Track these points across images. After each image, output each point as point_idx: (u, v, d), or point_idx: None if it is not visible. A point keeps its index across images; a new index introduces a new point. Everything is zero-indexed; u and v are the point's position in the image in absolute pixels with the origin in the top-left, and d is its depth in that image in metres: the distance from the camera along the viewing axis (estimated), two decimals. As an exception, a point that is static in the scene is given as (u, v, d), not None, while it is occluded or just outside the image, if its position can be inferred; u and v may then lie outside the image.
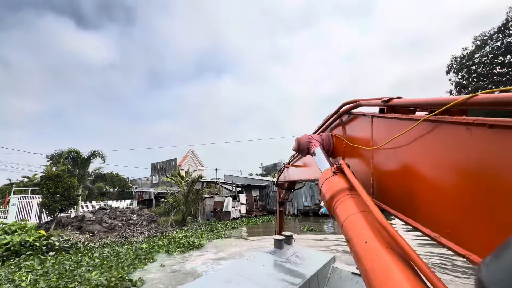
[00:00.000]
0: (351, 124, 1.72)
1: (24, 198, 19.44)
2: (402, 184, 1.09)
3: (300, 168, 3.89)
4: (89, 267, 7.23)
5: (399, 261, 0.75)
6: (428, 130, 0.91)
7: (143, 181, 40.62)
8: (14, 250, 8.70)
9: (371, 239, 0.86)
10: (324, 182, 1.33)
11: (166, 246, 9.94)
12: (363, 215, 0.99)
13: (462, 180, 0.77)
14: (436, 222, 0.88)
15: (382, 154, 1.25)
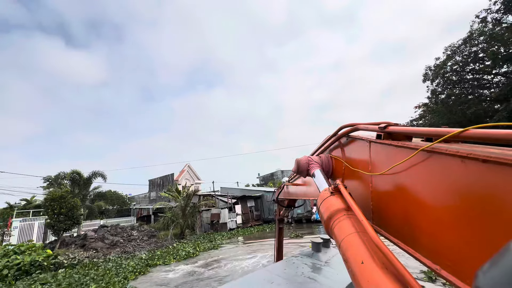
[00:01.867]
0: (349, 146, 1.75)
1: (25, 221, 19.96)
2: (401, 211, 1.10)
3: (300, 187, 3.90)
4: (92, 278, 8.12)
5: (393, 282, 0.76)
6: (424, 158, 0.93)
7: (141, 197, 41.07)
8: (24, 269, 9.45)
9: (367, 259, 0.87)
10: (322, 202, 1.36)
11: (163, 258, 10.84)
12: (359, 236, 0.99)
13: (459, 211, 0.78)
14: (436, 253, 0.87)
15: (381, 179, 1.27)
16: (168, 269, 9.32)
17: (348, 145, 1.76)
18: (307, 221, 19.68)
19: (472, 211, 0.74)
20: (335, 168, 1.98)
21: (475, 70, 22.02)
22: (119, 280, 7.85)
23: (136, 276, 8.57)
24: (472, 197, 0.74)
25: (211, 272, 8.46)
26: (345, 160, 1.76)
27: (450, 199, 0.82)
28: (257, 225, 21.35)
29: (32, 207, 25.28)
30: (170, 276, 8.61)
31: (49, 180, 26.05)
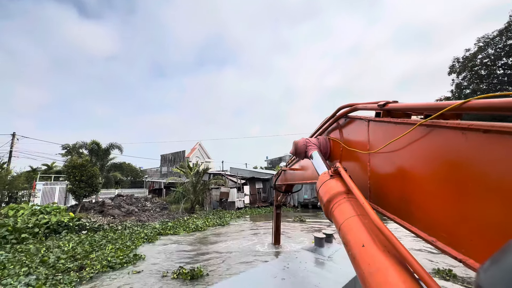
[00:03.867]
0: (348, 128, 1.72)
1: (47, 184, 21.32)
2: (398, 187, 1.09)
3: (298, 171, 4.02)
4: (109, 241, 8.90)
5: (395, 265, 0.74)
6: (424, 134, 0.91)
7: (152, 171, 42.60)
8: (53, 228, 10.34)
9: (368, 242, 0.85)
10: (322, 185, 1.33)
11: (174, 229, 11.62)
12: (360, 219, 0.98)
13: (458, 185, 0.77)
14: (432, 226, 0.88)
15: (379, 158, 1.25)
16: (178, 237, 9.99)
17: (346, 126, 1.75)
18: (313, 207, 20.10)
19: (470, 183, 0.74)
20: (332, 149, 1.98)
21: (508, 65, 20.65)
22: (132, 243, 8.61)
23: (152, 240, 9.29)
24: (471, 170, 0.74)
25: (219, 239, 9.04)
26: (343, 142, 1.75)
27: (448, 173, 0.82)
28: (264, 206, 22.02)
29: (52, 172, 26.82)
30: (182, 238, 9.69)
31: (67, 148, 27.39)
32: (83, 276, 5.46)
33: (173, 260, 6.90)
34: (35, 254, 7.08)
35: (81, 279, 5.36)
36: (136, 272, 5.86)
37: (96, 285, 5.17)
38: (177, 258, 7.11)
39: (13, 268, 5.80)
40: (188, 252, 7.81)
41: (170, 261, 6.80)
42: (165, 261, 6.80)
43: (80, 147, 20.20)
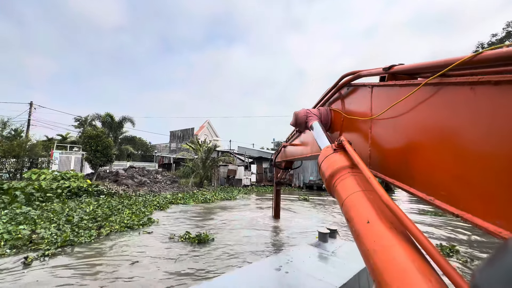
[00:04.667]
0: (350, 98, 1.69)
1: (63, 154, 22.31)
2: (400, 152, 1.09)
3: (298, 146, 3.98)
4: (125, 206, 9.58)
5: (404, 243, 0.71)
6: (431, 94, 0.89)
7: (162, 146, 43.63)
8: (74, 192, 11.09)
9: (373, 219, 0.82)
10: (324, 159, 1.29)
11: (184, 199, 12.28)
12: (365, 194, 0.95)
13: (463, 142, 0.77)
14: (431, 186, 0.89)
15: (381, 124, 1.24)
16: (188, 207, 10.61)
17: (348, 96, 1.71)
18: (318, 188, 20.54)
19: (477, 140, 0.73)
20: (333, 120, 1.94)
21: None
22: (146, 209, 9.21)
23: (164, 208, 9.92)
24: (479, 125, 0.72)
25: (226, 210, 9.59)
26: (344, 112, 1.72)
27: (455, 131, 0.81)
28: (269, 185, 22.62)
29: (67, 142, 27.88)
30: (191, 208, 10.36)
31: (79, 120, 28.20)
32: (101, 232, 6.06)
33: (182, 225, 7.42)
34: (61, 213, 7.74)
35: (99, 235, 5.96)
36: (147, 232, 6.38)
37: (112, 239, 5.76)
38: (187, 224, 7.64)
39: (43, 223, 6.43)
40: (197, 219, 8.35)
41: (180, 226, 7.31)
42: (175, 225, 7.32)
43: (94, 118, 20.80)
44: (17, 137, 19.92)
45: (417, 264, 0.66)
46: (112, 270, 4.13)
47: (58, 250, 4.85)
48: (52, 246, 4.94)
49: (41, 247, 4.85)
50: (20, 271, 3.95)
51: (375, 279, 0.71)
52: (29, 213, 7.49)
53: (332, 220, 8.88)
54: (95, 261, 4.46)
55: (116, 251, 4.99)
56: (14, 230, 5.67)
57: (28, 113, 21.60)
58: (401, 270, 0.65)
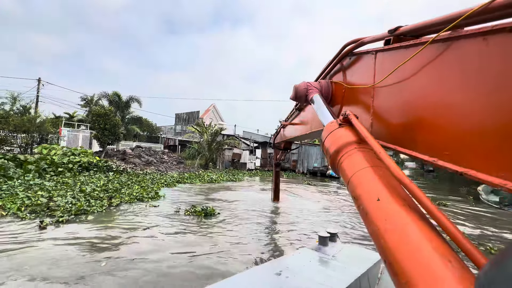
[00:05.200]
0: (352, 68, 1.65)
1: (71, 132, 22.62)
2: (403, 117, 1.07)
3: (298, 125, 3.88)
4: (134, 182, 9.84)
5: (419, 221, 0.66)
6: (439, 52, 0.86)
7: (167, 128, 43.89)
8: (84, 166, 11.36)
9: (384, 196, 0.77)
10: (328, 135, 1.23)
11: (191, 179, 12.51)
12: (374, 170, 0.90)
13: (470, 100, 0.75)
14: (434, 147, 0.88)
15: (384, 91, 1.21)
16: (194, 186, 10.85)
17: (350, 67, 1.66)
18: (322, 175, 20.70)
19: (484, 96, 0.71)
20: (334, 93, 1.89)
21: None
22: (155, 186, 9.45)
23: (171, 186, 10.17)
24: (488, 80, 0.70)
25: (230, 190, 9.82)
26: (346, 83, 1.68)
27: (464, 88, 0.78)
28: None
29: (74, 121, 28.17)
30: (198, 187, 10.62)
31: (85, 99, 28.29)
32: (112, 203, 6.34)
33: (188, 200, 7.68)
34: (74, 185, 8.00)
35: (110, 205, 6.24)
36: (153, 206, 6.60)
37: (122, 210, 6.02)
38: (193, 200, 7.88)
39: (60, 192, 6.67)
40: (203, 196, 8.60)
41: (186, 201, 7.58)
42: (182, 201, 7.57)
43: (101, 97, 20.85)
44: (26, 112, 20.17)
45: (434, 243, 0.61)
46: (124, 235, 4.35)
47: (71, 217, 5.09)
48: (67, 213, 5.17)
49: (56, 214, 5.08)
50: (37, 234, 4.19)
51: (386, 260, 0.66)
52: (43, 183, 7.75)
53: (328, 199, 9.03)
54: (107, 228, 4.67)
55: (127, 220, 5.24)
56: (33, 196, 5.92)
57: (36, 90, 21.72)
58: (416, 250, 0.60)
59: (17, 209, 5.18)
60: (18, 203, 5.45)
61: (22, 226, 4.48)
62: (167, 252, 3.81)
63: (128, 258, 3.52)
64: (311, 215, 7.02)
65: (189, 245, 4.14)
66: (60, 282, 2.86)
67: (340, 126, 1.20)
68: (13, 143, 15.38)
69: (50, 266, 3.19)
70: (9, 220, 4.73)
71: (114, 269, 3.21)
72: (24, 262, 3.24)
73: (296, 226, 5.78)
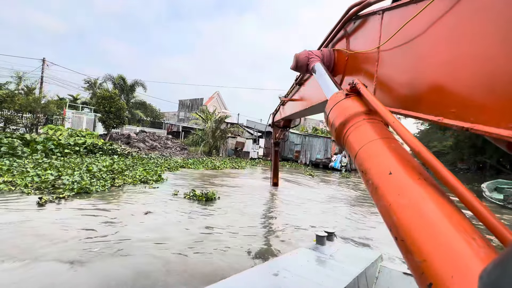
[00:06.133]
0: (356, 34, 1.60)
1: (75, 114, 22.64)
2: (409, 78, 1.04)
3: (298, 101, 3.79)
4: (139, 164, 9.98)
5: (437, 196, 0.61)
6: (452, 3, 0.83)
7: (170, 114, 43.82)
8: (89, 149, 11.44)
9: (397, 169, 0.71)
10: (333, 107, 1.16)
11: (194, 165, 12.64)
12: (385, 142, 0.84)
13: (483, 51, 0.71)
14: (440, 106, 0.85)
15: (390, 54, 1.18)
16: (198, 171, 10.95)
17: (354, 32, 1.61)
18: (324, 167, 20.75)
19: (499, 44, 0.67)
20: (337, 61, 1.81)
21: None
22: (159, 170, 9.51)
23: (174, 170, 10.27)
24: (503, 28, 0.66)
25: (233, 176, 9.92)
26: (349, 50, 1.62)
27: (474, 41, 0.74)
28: (275, 160, 22.92)
29: (78, 103, 28.14)
30: (201, 172, 10.64)
31: (89, 82, 28.14)
32: (115, 183, 6.44)
33: (190, 184, 7.71)
34: (81, 164, 8.08)
35: (113, 185, 6.34)
36: (153, 188, 6.68)
37: (124, 190, 6.12)
38: (195, 184, 7.95)
39: (67, 171, 6.75)
40: (205, 181, 8.68)
41: (188, 185, 7.63)
42: (183, 185, 7.61)
43: (106, 79, 20.70)
44: (30, 93, 20.15)
45: (455, 219, 0.55)
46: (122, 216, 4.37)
47: (72, 194, 5.15)
48: (69, 191, 5.21)
49: (58, 191, 5.14)
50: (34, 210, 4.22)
51: (397, 237, 0.61)
52: (52, 162, 7.84)
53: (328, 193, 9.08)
54: (105, 209, 4.65)
55: (127, 200, 5.32)
56: (42, 174, 6.00)
57: (41, 70, 21.57)
58: (434, 226, 0.55)
59: (24, 185, 5.27)
60: (27, 180, 5.53)
61: (25, 201, 4.54)
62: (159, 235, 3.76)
63: (119, 240, 3.44)
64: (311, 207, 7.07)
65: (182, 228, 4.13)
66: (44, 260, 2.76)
67: (347, 97, 1.13)
68: (19, 122, 15.44)
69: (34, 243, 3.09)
70: (15, 196, 4.79)
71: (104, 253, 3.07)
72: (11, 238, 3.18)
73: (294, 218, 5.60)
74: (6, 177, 5.58)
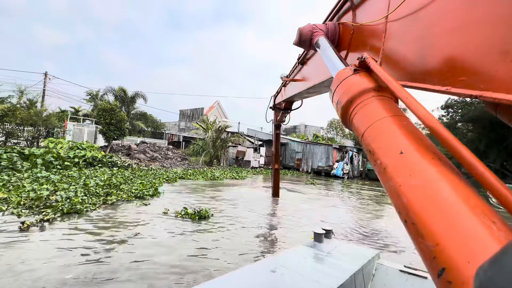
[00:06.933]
0: (363, 5, 1.55)
1: (77, 126, 22.75)
2: (417, 50, 1.00)
3: (301, 82, 3.68)
4: (137, 177, 9.80)
5: (454, 177, 0.56)
6: None
7: (171, 124, 44.03)
8: (89, 161, 11.39)
9: (408, 148, 0.66)
10: (340, 84, 1.08)
11: (194, 176, 12.52)
12: (395, 120, 0.78)
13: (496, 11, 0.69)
14: (449, 75, 0.81)
15: (398, 24, 1.14)
16: (197, 182, 10.81)
17: (361, 4, 1.56)
18: (326, 175, 20.56)
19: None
20: (342, 35, 1.75)
21: None
22: (157, 182, 9.34)
23: (172, 182, 10.13)
24: None
25: (233, 187, 9.76)
26: (355, 23, 1.57)
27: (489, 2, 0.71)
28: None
29: (79, 115, 28.34)
30: (199, 183, 10.30)
31: (90, 94, 28.42)
32: (107, 200, 6.06)
33: (185, 199, 7.47)
34: (78, 178, 7.99)
35: (105, 202, 5.98)
36: (144, 204, 6.26)
37: (114, 208, 5.72)
38: (191, 198, 7.68)
39: (64, 185, 6.66)
40: (201, 194, 8.43)
41: (183, 200, 7.28)
42: (178, 199, 7.24)
43: (107, 92, 20.90)
44: (32, 106, 20.32)
45: (473, 201, 0.50)
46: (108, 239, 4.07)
47: (61, 215, 4.84)
48: (59, 212, 4.92)
49: (46, 211, 4.82)
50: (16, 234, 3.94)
51: (407, 220, 0.57)
52: (49, 176, 7.76)
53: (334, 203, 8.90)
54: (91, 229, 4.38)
55: (116, 220, 4.93)
56: (38, 189, 5.90)
57: (43, 83, 21.85)
58: (449, 208, 0.50)
59: (17, 203, 5.06)
60: (22, 197, 5.39)
61: (12, 222, 4.29)
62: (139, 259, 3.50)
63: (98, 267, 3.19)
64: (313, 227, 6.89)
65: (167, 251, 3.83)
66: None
67: (355, 73, 1.05)
68: (20, 136, 15.49)
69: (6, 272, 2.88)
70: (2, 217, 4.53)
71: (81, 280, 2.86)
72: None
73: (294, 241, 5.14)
74: (1, 193, 5.47)
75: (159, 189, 8.02)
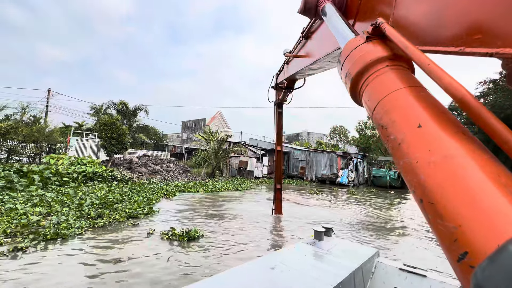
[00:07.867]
0: None
1: (80, 141, 22.86)
2: (428, 12, 0.94)
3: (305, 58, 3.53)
4: (135, 192, 9.52)
5: (482, 153, 0.50)
6: None
7: (173, 136, 44.17)
8: (89, 176, 11.23)
9: (427, 121, 0.60)
10: (350, 54, 0.97)
11: (195, 188, 12.23)
12: (412, 91, 0.70)
13: None
14: (463, 35, 0.75)
15: None
16: (197, 195, 10.51)
17: None
18: (331, 183, 20.09)
19: None
20: (349, 3, 1.66)
21: None
22: (154, 197, 9.01)
23: (170, 197, 9.83)
24: None
25: (233, 201, 9.42)
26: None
27: None
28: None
29: (83, 130, 28.57)
30: (199, 196, 10.14)
31: (94, 108, 28.76)
32: (97, 223, 5.62)
33: (179, 216, 7.06)
34: (74, 196, 7.78)
35: (94, 225, 5.54)
36: (132, 225, 5.86)
37: (104, 229, 5.38)
38: (185, 215, 7.32)
39: (56, 208, 6.34)
40: (199, 210, 8.02)
41: (176, 217, 6.89)
42: (171, 217, 6.86)
43: (109, 106, 21.06)
44: (36, 122, 20.50)
45: (503, 179, 0.44)
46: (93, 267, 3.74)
47: (35, 243, 4.46)
48: (40, 238, 4.60)
49: (24, 240, 4.48)
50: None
51: (425, 200, 0.52)
52: (44, 195, 7.57)
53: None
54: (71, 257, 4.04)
55: (101, 247, 4.53)
56: (31, 212, 5.67)
57: (46, 100, 22.16)
58: (475, 186, 0.45)
59: (2, 231, 4.70)
60: (13, 223, 5.07)
61: None
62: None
63: None
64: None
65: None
66: None
67: (368, 40, 0.94)
68: (22, 153, 15.51)
69: None
70: None
71: None
72: None
73: None
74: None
75: (155, 205, 7.70)
